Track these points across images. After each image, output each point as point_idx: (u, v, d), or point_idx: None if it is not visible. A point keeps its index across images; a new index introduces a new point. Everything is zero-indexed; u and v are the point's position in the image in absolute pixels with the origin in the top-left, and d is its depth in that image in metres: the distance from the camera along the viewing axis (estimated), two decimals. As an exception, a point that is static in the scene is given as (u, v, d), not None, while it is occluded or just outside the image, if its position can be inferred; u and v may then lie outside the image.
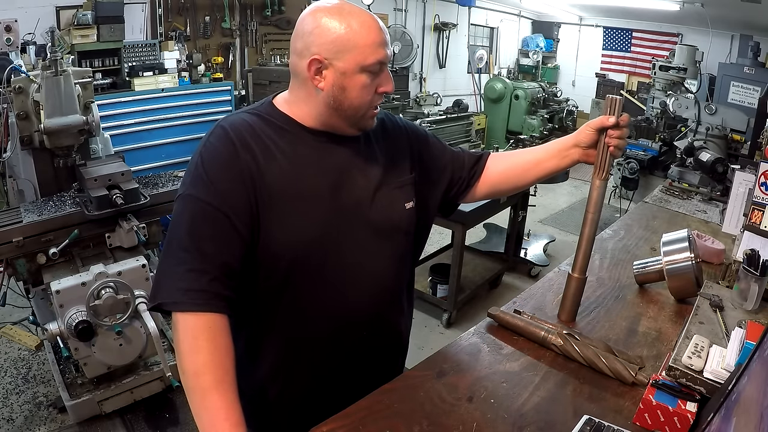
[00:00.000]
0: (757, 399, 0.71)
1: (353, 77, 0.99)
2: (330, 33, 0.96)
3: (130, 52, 4.43)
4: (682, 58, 5.26)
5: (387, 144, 1.17)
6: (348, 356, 1.16)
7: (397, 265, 1.17)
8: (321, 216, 1.04)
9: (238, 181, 0.98)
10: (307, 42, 0.98)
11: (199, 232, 0.96)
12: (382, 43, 0.99)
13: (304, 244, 1.03)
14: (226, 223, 0.96)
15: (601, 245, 1.92)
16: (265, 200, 0.99)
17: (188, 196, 0.99)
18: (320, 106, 1.03)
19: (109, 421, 2.34)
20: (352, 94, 1.00)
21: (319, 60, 0.97)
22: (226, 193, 0.97)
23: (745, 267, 1.36)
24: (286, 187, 1.01)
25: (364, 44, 0.97)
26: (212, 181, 0.97)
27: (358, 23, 0.97)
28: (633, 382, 1.12)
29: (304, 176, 1.03)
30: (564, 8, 8.21)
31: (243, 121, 1.04)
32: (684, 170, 3.12)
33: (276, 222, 1.00)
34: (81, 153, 2.42)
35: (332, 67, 0.98)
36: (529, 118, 7.40)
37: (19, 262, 2.10)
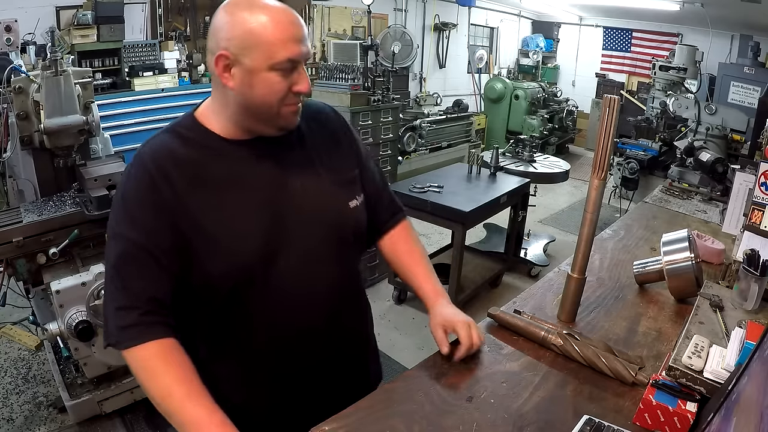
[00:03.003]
0: (757, 399, 0.71)
1: (261, 75, 0.92)
2: (238, 28, 0.91)
3: (130, 52, 4.43)
4: (682, 58, 5.26)
5: (325, 139, 1.13)
6: (310, 365, 1.12)
7: (347, 267, 1.15)
8: (257, 235, 0.99)
9: (159, 217, 0.94)
10: (216, 38, 0.94)
11: (124, 270, 0.94)
12: (293, 39, 0.93)
13: (244, 267, 0.98)
14: (151, 260, 0.93)
15: (601, 245, 1.92)
16: (192, 231, 0.95)
17: (115, 234, 0.97)
18: (234, 107, 0.97)
19: (109, 421, 2.34)
20: (260, 93, 0.94)
21: (227, 56, 0.92)
22: (149, 231, 0.94)
23: (745, 267, 1.36)
24: (213, 212, 0.97)
25: (273, 40, 0.91)
26: (134, 219, 0.95)
27: (268, 18, 0.91)
28: (633, 382, 1.12)
29: (233, 197, 0.98)
30: (564, 8, 8.21)
31: (163, 145, 1.00)
32: (684, 170, 3.12)
33: (208, 251, 0.96)
34: (81, 153, 2.42)
35: (240, 64, 0.92)
36: (529, 118, 7.39)
37: (19, 262, 2.10)
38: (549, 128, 7.47)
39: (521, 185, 3.74)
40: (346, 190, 1.12)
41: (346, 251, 1.13)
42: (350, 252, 1.15)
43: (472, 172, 3.89)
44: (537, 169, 4.34)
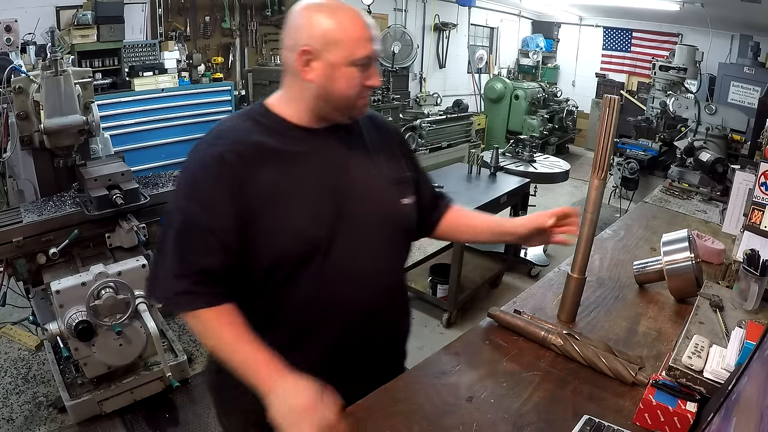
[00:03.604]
0: (757, 399, 0.71)
1: (342, 69, 1.02)
2: (320, 27, 1.01)
3: (130, 52, 4.43)
4: (682, 58, 5.26)
5: (381, 139, 1.21)
6: (352, 343, 1.16)
7: (396, 261, 1.21)
8: (322, 213, 1.06)
9: (225, 194, 1.00)
10: (297, 36, 1.02)
11: (184, 242, 1.02)
12: (370, 39, 1.04)
13: (307, 241, 1.05)
14: (210, 236, 1.00)
15: (601, 245, 1.92)
16: (260, 206, 1.02)
17: (179, 207, 1.05)
18: (311, 98, 1.06)
19: (109, 421, 2.34)
20: (340, 86, 1.04)
21: (309, 51, 1.01)
22: (213, 207, 1.00)
23: (745, 267, 1.36)
24: (280, 190, 1.04)
25: (353, 39, 1.01)
26: (199, 194, 1.02)
27: (347, 19, 1.02)
28: (633, 382, 1.12)
29: (299, 177, 1.06)
30: (564, 8, 8.21)
31: (234, 127, 1.09)
32: (684, 170, 3.12)
33: (275, 225, 1.03)
34: (81, 153, 2.42)
35: (321, 58, 1.02)
36: (529, 118, 7.38)
37: (19, 262, 2.10)
38: (549, 128, 7.46)
39: (521, 185, 3.74)
40: (400, 188, 1.19)
41: (396, 244, 1.19)
42: (399, 246, 1.21)
43: (472, 172, 3.89)
44: (537, 169, 4.34)
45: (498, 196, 3.45)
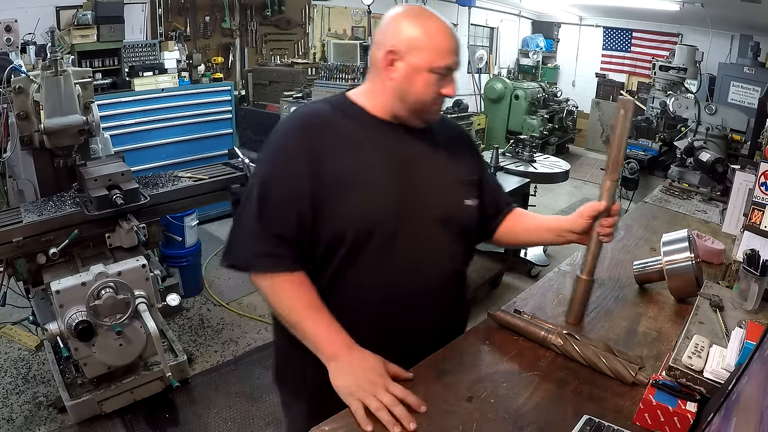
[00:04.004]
0: (757, 399, 0.71)
1: (422, 74, 1.10)
2: (408, 32, 1.10)
3: (130, 52, 4.43)
4: (682, 58, 5.27)
5: (451, 141, 1.27)
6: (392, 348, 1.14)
7: (451, 261, 1.23)
8: (383, 200, 1.12)
9: (303, 167, 1.09)
10: (387, 36, 1.12)
11: (265, 207, 1.11)
12: (453, 51, 1.12)
13: (372, 219, 1.11)
14: (288, 204, 1.10)
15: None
16: (330, 184, 1.10)
17: (259, 175, 1.16)
18: (389, 96, 1.14)
19: (109, 421, 2.34)
20: (418, 89, 1.11)
21: (395, 51, 1.10)
22: (292, 178, 1.10)
23: (745, 267, 1.36)
24: (351, 172, 1.11)
25: (436, 48, 1.10)
26: (280, 166, 1.13)
27: (434, 28, 1.10)
28: (633, 382, 1.12)
29: (369, 162, 1.14)
30: (564, 8, 8.21)
31: (318, 108, 1.20)
32: (684, 170, 3.11)
33: (345, 200, 1.10)
34: (81, 153, 2.42)
35: (405, 60, 1.10)
36: (529, 118, 7.38)
37: (19, 262, 2.10)
38: (549, 128, 7.45)
39: (521, 185, 3.74)
40: (464, 188, 1.24)
41: (456, 244, 1.23)
42: (459, 246, 1.24)
43: (472, 172, 3.88)
44: (537, 169, 4.34)
45: (498, 196, 3.44)
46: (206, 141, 4.62)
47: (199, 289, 3.64)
